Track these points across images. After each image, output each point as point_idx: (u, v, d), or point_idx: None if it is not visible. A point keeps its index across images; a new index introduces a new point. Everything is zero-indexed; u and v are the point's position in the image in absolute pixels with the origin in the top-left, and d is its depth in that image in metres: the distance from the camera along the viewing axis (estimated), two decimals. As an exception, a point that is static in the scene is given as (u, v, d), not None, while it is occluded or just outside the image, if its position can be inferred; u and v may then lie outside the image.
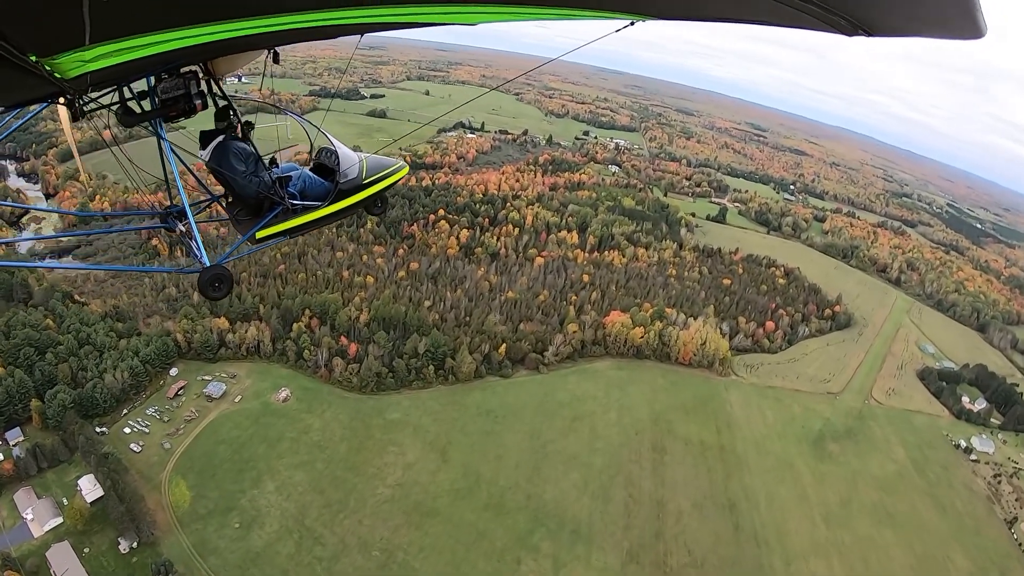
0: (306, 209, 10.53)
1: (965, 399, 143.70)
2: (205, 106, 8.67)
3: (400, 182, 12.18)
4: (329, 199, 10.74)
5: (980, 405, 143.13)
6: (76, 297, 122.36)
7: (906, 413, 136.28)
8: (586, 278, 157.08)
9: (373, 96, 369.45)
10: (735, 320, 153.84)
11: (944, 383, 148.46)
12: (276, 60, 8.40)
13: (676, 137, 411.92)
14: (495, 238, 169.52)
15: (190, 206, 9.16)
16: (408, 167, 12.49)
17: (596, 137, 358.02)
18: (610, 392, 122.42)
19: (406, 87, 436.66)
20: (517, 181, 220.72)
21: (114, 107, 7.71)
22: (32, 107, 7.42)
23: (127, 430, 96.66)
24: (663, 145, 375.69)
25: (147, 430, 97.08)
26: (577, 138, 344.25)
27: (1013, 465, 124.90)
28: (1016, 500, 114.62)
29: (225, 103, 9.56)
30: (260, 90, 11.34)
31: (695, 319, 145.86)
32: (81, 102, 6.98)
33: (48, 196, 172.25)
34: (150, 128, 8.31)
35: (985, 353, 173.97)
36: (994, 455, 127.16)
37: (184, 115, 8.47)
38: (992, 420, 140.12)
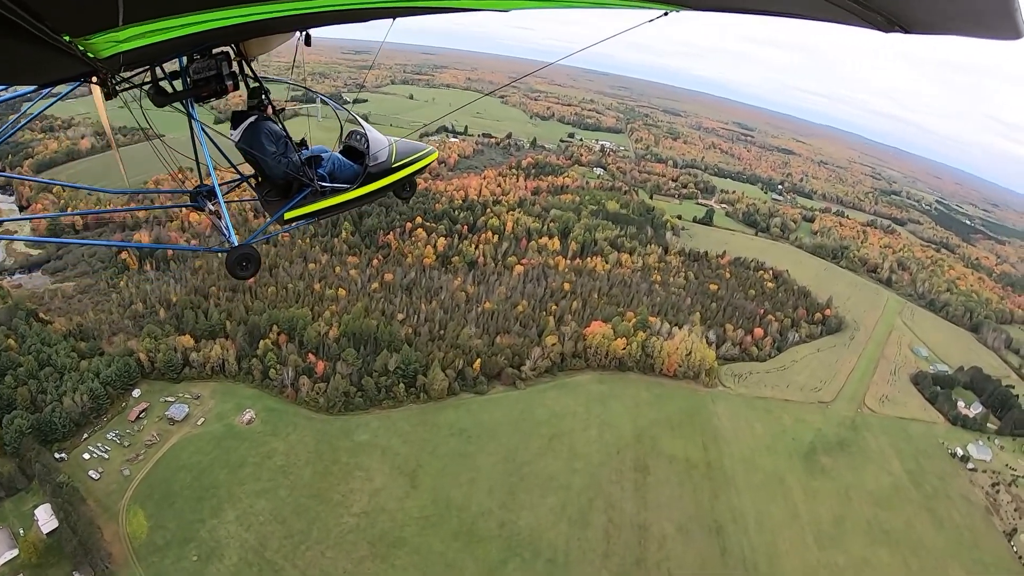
0: (335, 191, 10.56)
1: (961, 404, 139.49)
2: (236, 87, 8.60)
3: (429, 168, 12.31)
4: (358, 182, 10.82)
5: (976, 410, 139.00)
6: (41, 315, 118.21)
7: (900, 421, 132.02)
8: (567, 286, 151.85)
9: (356, 101, 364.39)
10: (722, 327, 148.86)
11: (939, 388, 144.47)
12: (308, 43, 8.38)
13: (662, 138, 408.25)
14: (473, 246, 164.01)
15: (219, 186, 9.31)
16: (437, 153, 12.44)
17: (581, 139, 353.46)
18: (591, 407, 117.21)
19: (390, 91, 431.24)
20: (499, 186, 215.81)
21: (146, 87, 7.65)
22: (64, 86, 7.38)
23: (86, 456, 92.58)
24: (649, 146, 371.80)
25: (106, 456, 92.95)
26: (562, 140, 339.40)
27: (1011, 472, 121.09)
28: (1015, 510, 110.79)
29: (257, 84, 9.46)
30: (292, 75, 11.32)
31: (680, 328, 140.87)
32: (114, 82, 6.96)
33: (22, 208, 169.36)
34: (182, 108, 8.29)
35: (979, 354, 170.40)
36: (991, 462, 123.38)
37: (216, 96, 8.39)
38: (988, 425, 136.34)
